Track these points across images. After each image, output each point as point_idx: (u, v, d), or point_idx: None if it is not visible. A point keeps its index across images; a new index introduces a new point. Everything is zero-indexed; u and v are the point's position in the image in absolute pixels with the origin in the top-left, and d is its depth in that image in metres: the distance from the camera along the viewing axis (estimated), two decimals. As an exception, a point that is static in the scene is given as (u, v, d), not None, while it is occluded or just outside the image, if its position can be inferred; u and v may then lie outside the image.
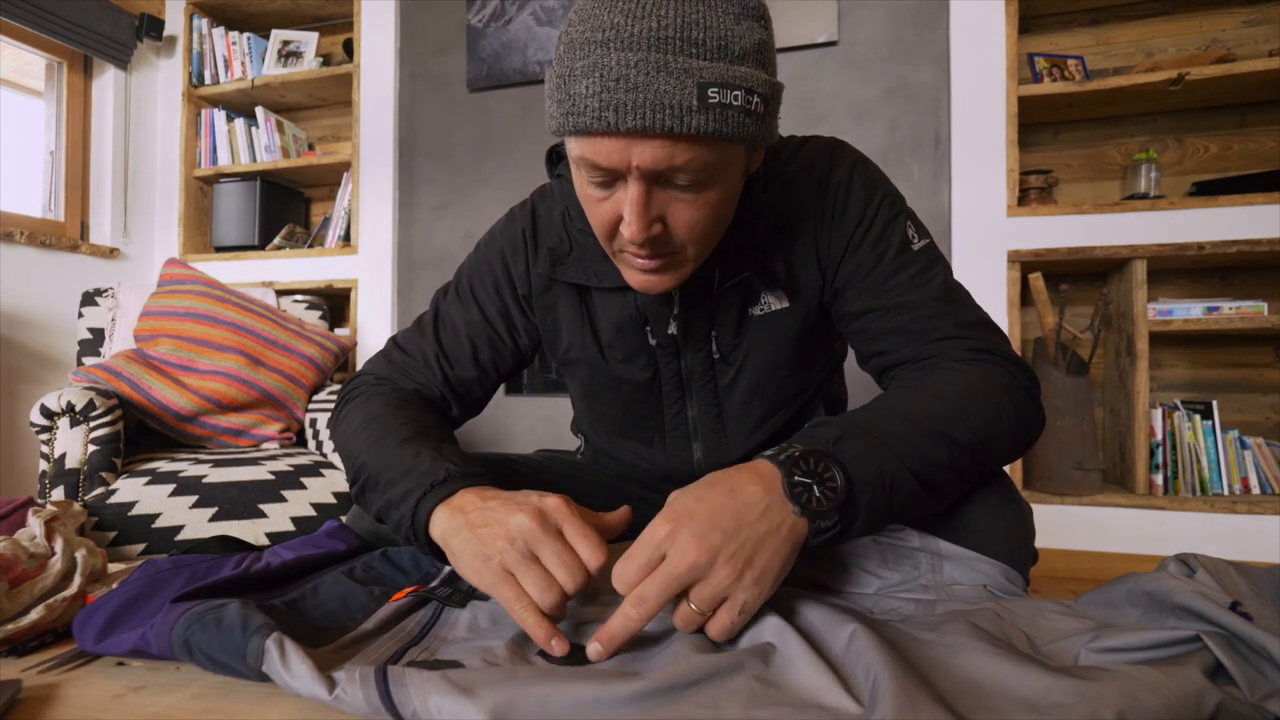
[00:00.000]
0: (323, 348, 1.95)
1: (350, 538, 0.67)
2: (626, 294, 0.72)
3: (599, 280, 0.72)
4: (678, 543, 0.46)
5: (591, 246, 0.71)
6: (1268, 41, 1.93)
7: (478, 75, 2.31)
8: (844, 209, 0.69)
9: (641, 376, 0.76)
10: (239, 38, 2.62)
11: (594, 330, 0.76)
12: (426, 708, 0.37)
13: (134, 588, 0.53)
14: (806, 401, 0.80)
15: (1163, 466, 1.84)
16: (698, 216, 0.58)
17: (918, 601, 0.55)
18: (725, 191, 0.58)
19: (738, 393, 0.75)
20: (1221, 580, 0.47)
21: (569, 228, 0.73)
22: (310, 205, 2.81)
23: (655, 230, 0.57)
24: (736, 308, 0.72)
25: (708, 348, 0.73)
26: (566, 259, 0.73)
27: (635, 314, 0.73)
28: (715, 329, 0.72)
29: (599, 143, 0.53)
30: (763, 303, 0.72)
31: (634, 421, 0.81)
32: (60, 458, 1.44)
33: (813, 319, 0.73)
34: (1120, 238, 1.82)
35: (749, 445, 0.78)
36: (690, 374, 0.76)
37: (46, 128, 2.44)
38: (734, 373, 0.75)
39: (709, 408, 0.77)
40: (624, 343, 0.75)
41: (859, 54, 2.00)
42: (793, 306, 0.72)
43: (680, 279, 0.63)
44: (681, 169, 0.53)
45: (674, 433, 0.80)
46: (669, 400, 0.78)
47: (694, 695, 0.39)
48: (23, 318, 2.18)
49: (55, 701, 0.43)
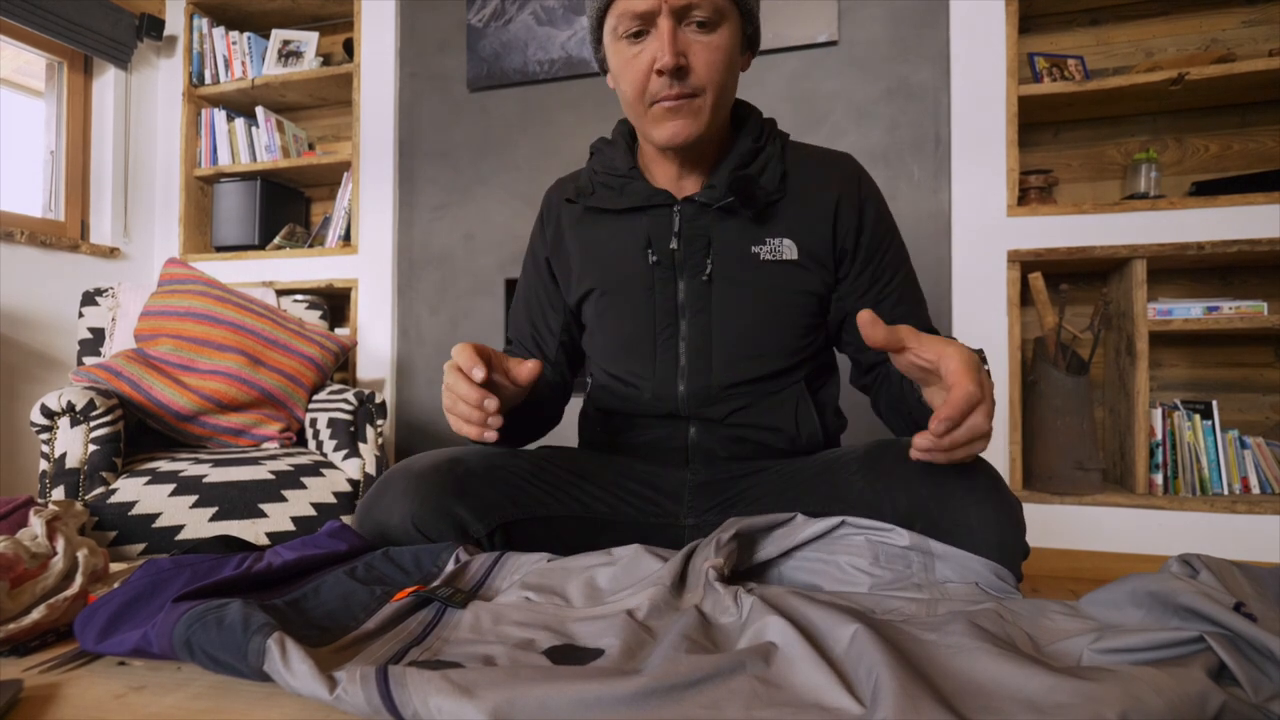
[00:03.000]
0: (323, 347, 1.94)
1: (352, 538, 0.67)
2: (636, 217, 0.85)
3: (616, 204, 0.85)
4: (982, 408, 0.57)
5: (612, 184, 0.86)
6: (1268, 41, 1.93)
7: (478, 75, 2.31)
8: (867, 197, 0.85)
9: (640, 299, 0.85)
10: (239, 37, 2.62)
11: (606, 255, 0.88)
12: (427, 708, 0.37)
13: (135, 587, 0.53)
14: (797, 364, 0.86)
15: (1163, 466, 1.84)
16: (713, 56, 0.74)
17: (919, 601, 0.55)
18: (730, 42, 0.76)
19: (731, 327, 0.83)
20: (1225, 581, 0.47)
21: (594, 179, 0.89)
22: (310, 205, 2.81)
23: (682, 60, 0.73)
24: (735, 239, 0.82)
25: (702, 272, 0.82)
26: (590, 195, 0.88)
27: (643, 234, 0.84)
28: (711, 255, 0.82)
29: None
30: (771, 245, 0.82)
31: (630, 345, 0.87)
32: (60, 457, 1.44)
33: (817, 285, 0.83)
34: (1120, 237, 1.82)
35: (729, 381, 0.84)
36: (685, 301, 0.84)
37: (47, 127, 2.44)
38: (729, 305, 0.82)
39: (699, 335, 0.84)
40: (628, 266, 0.86)
41: (859, 54, 2.00)
42: (800, 262, 0.82)
43: (700, 127, 0.77)
44: (699, 5, 0.72)
45: (664, 357, 0.85)
46: (662, 324, 0.85)
47: (695, 695, 0.39)
48: (23, 317, 2.18)
49: (56, 701, 0.43)
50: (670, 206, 0.83)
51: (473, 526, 0.73)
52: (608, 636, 0.48)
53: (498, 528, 0.75)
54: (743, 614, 0.50)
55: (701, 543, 0.61)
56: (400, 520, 0.72)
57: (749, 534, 0.62)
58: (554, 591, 0.57)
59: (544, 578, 0.59)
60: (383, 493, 0.75)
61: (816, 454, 0.83)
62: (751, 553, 0.62)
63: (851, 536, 0.60)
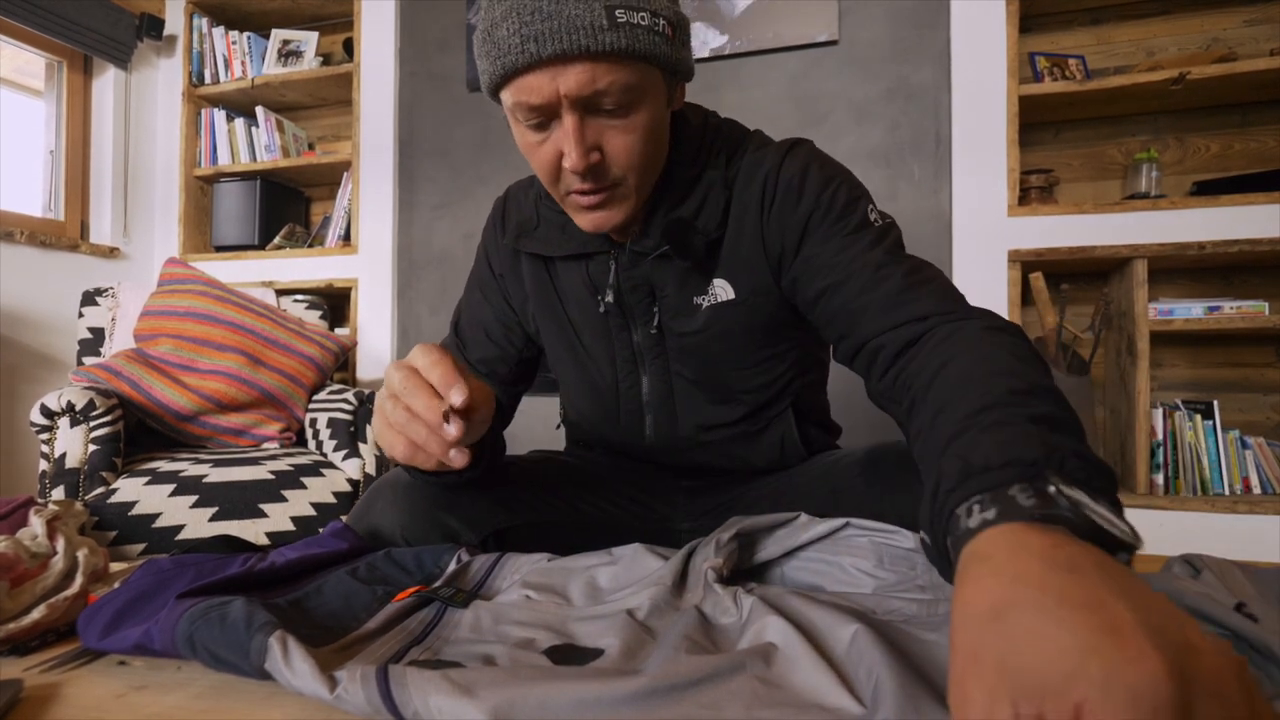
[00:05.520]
0: (323, 347, 1.94)
1: (353, 538, 0.67)
2: (580, 263, 0.76)
3: (557, 249, 0.76)
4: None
5: (555, 220, 0.76)
6: (1269, 41, 1.92)
7: (478, 74, 2.31)
8: (798, 199, 0.69)
9: (598, 347, 0.79)
10: (239, 37, 2.62)
11: (559, 299, 0.80)
12: (427, 707, 0.37)
13: (139, 586, 0.53)
14: (770, 400, 0.80)
15: (1164, 466, 1.84)
16: (630, 142, 0.62)
17: (920, 602, 0.54)
18: (652, 116, 0.62)
19: (687, 374, 0.77)
20: (1227, 581, 0.47)
21: (539, 206, 0.78)
22: (310, 205, 2.81)
23: (594, 159, 0.61)
24: (677, 288, 0.73)
25: (651, 322, 0.75)
26: (533, 233, 0.78)
27: (588, 282, 0.76)
28: (657, 304, 0.75)
29: (527, 81, 0.58)
30: (710, 292, 0.74)
31: (596, 391, 0.83)
32: (60, 457, 1.44)
33: (764, 314, 0.73)
34: (1121, 237, 1.82)
35: (698, 427, 0.80)
36: (642, 348, 0.78)
37: (46, 127, 2.44)
38: (683, 354, 0.77)
39: (659, 384, 0.79)
40: (582, 313, 0.78)
41: (860, 53, 2.00)
42: (738, 299, 0.73)
43: (626, 213, 0.66)
44: (606, 91, 0.58)
45: (628, 405, 0.81)
46: (623, 373, 0.80)
47: (696, 695, 0.38)
48: (23, 317, 2.18)
49: (57, 701, 0.43)
50: (608, 254, 0.74)
51: (464, 536, 0.73)
52: (608, 636, 0.48)
53: (491, 535, 0.75)
54: (743, 614, 0.50)
55: (702, 541, 0.60)
56: (390, 532, 0.72)
57: (750, 534, 0.62)
58: (554, 590, 0.57)
59: (544, 577, 0.59)
60: (372, 504, 0.75)
61: (814, 458, 0.82)
62: (753, 552, 0.62)
63: (856, 538, 0.60)
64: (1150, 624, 0.25)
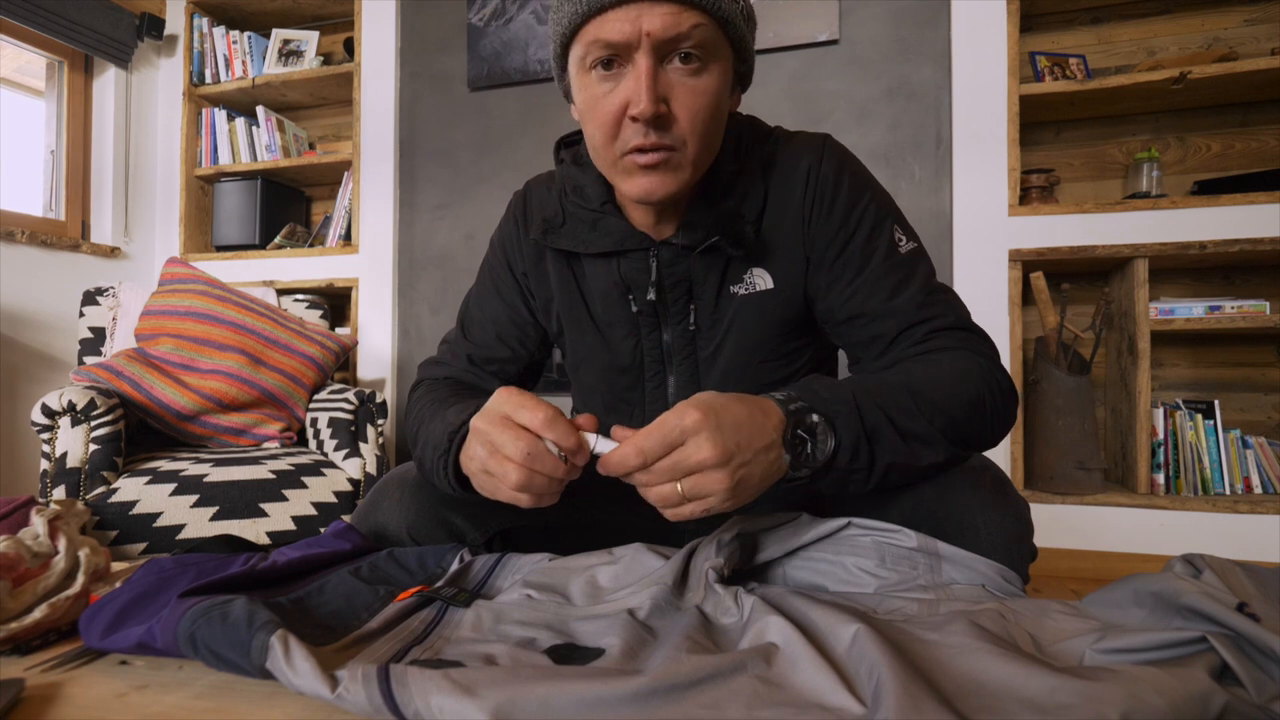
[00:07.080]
0: (323, 347, 1.95)
1: (355, 538, 0.67)
2: (611, 261, 0.75)
3: (587, 246, 0.74)
4: (700, 435, 0.50)
5: (584, 217, 0.75)
6: (1270, 40, 1.92)
7: (478, 74, 2.31)
8: (832, 202, 0.71)
9: (625, 346, 0.78)
10: (239, 37, 2.62)
11: (583, 298, 0.79)
12: (428, 707, 0.37)
13: (140, 585, 0.53)
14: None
15: (1164, 466, 1.84)
16: (698, 104, 0.61)
17: (921, 601, 0.54)
18: (719, 88, 0.63)
19: (716, 370, 0.77)
20: (1228, 581, 0.47)
21: (564, 202, 0.77)
22: (311, 204, 2.81)
23: (661, 109, 0.60)
24: (716, 281, 0.73)
25: (686, 320, 0.75)
26: (559, 229, 0.76)
27: (619, 281, 0.75)
28: (694, 301, 0.74)
29: (610, 16, 0.58)
30: (746, 281, 0.74)
31: (617, 394, 0.82)
32: (61, 457, 1.44)
33: (797, 306, 0.75)
34: (1122, 237, 1.81)
35: None
36: (671, 347, 0.77)
37: (47, 127, 2.44)
38: (713, 349, 0.76)
39: (687, 383, 0.78)
40: (609, 312, 0.77)
41: (860, 53, 2.00)
42: (776, 289, 0.73)
43: (678, 184, 0.65)
44: (687, 36, 0.59)
45: (653, 407, 0.80)
46: (650, 373, 0.79)
47: (696, 695, 0.39)
48: (24, 317, 2.18)
49: (58, 700, 0.43)
50: (646, 251, 0.72)
51: (470, 535, 0.73)
52: (609, 636, 0.48)
53: (496, 535, 0.75)
54: (744, 614, 0.50)
55: (703, 541, 0.60)
56: (396, 530, 0.72)
57: (751, 534, 0.62)
58: (555, 590, 0.57)
59: (546, 576, 0.59)
60: (378, 502, 0.75)
61: None
62: (754, 552, 0.62)
63: (858, 537, 0.60)
64: (734, 441, 0.51)
